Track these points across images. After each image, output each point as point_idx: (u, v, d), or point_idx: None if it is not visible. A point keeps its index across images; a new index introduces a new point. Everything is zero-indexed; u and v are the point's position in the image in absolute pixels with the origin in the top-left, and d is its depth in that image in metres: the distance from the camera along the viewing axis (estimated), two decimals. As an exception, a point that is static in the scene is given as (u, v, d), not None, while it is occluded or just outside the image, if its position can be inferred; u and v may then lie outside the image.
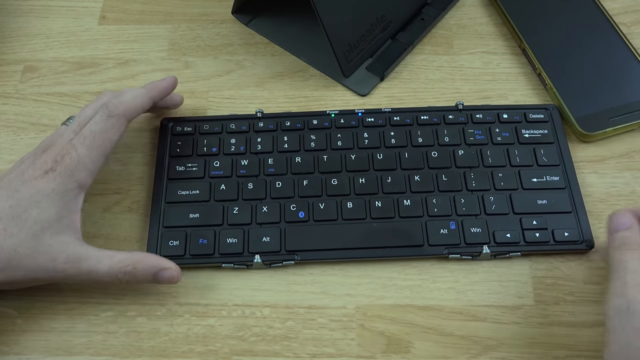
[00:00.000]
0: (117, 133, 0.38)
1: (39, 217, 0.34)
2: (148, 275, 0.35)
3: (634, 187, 0.42)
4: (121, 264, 0.35)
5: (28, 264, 0.33)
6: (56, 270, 0.34)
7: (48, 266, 0.33)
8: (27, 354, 0.38)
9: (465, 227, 0.40)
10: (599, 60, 0.46)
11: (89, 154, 0.36)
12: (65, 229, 0.34)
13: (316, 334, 0.38)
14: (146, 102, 0.40)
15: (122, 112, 0.38)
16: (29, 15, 0.53)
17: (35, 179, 0.34)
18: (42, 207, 0.34)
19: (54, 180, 0.34)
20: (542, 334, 0.37)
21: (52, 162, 0.35)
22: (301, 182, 0.42)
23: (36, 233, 0.33)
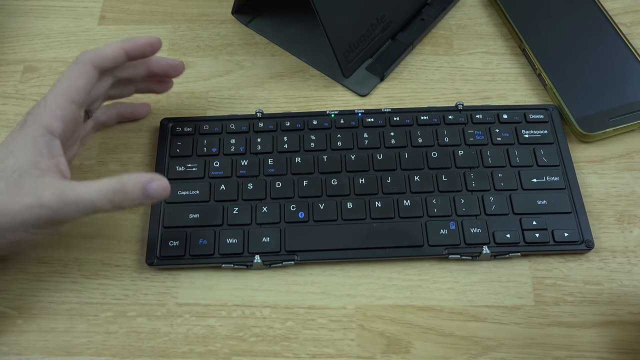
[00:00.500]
0: (82, 78, 0.37)
1: (15, 166, 0.34)
2: (138, 191, 0.34)
3: (634, 188, 0.42)
4: (108, 185, 0.34)
5: (14, 208, 0.33)
6: (42, 206, 0.33)
7: (33, 204, 0.33)
8: (27, 354, 0.38)
9: (465, 227, 0.40)
10: (599, 60, 0.46)
11: (54, 99, 0.36)
12: (46, 173, 0.34)
13: (316, 334, 0.38)
14: (117, 51, 0.38)
15: (89, 58, 0.37)
16: (29, 15, 0.53)
17: (12, 134, 0.35)
18: (16, 156, 0.34)
19: (26, 130, 0.35)
20: (541, 335, 0.37)
21: (26, 115, 0.36)
22: (301, 183, 0.42)
23: (16, 180, 0.33)
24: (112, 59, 0.38)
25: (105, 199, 0.34)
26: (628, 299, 0.38)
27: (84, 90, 0.37)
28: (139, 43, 0.39)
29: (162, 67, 0.42)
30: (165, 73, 0.42)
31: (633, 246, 0.40)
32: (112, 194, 0.34)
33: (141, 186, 0.34)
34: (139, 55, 0.39)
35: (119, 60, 0.38)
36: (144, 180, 0.34)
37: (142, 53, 0.39)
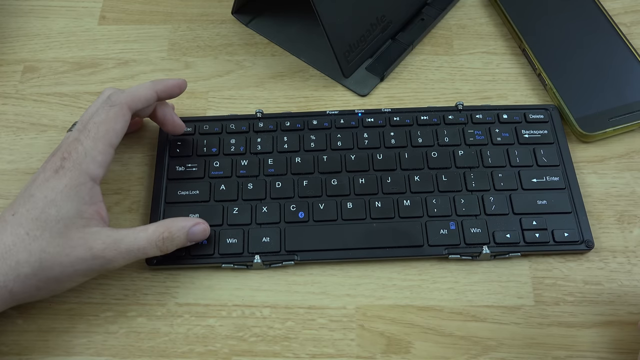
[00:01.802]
0: (120, 122, 0.37)
1: (58, 215, 0.33)
2: (182, 236, 0.36)
3: (634, 188, 0.42)
4: (157, 233, 0.35)
5: (63, 261, 0.33)
6: (95, 257, 0.34)
7: (86, 256, 0.33)
8: (27, 354, 0.38)
9: (465, 227, 0.40)
10: (599, 60, 0.46)
11: (95, 146, 0.35)
12: (90, 221, 0.34)
13: (316, 334, 0.38)
14: (149, 93, 0.39)
15: (124, 100, 0.37)
16: (29, 15, 0.53)
17: (47, 180, 0.34)
18: (58, 205, 0.33)
19: (65, 176, 0.34)
20: (541, 335, 0.37)
21: (60, 159, 0.35)
22: (301, 183, 0.42)
23: (61, 231, 0.33)
24: (145, 101, 0.39)
25: (155, 247, 0.35)
26: (628, 299, 0.38)
27: (121, 133, 0.37)
28: (170, 85, 0.40)
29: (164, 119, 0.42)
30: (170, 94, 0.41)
31: (633, 246, 0.40)
32: (162, 242, 0.36)
33: (185, 231, 0.37)
34: (167, 96, 0.41)
35: (150, 102, 0.39)
36: (188, 225, 0.37)
37: (171, 95, 0.41)
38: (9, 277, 0.32)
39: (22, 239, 0.33)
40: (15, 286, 0.32)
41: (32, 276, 0.33)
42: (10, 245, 0.32)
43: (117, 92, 0.38)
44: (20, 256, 0.32)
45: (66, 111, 0.47)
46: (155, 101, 0.40)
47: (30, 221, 0.33)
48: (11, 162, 0.45)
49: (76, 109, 0.47)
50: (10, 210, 0.34)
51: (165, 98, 0.41)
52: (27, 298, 0.34)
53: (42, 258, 0.33)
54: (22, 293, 0.33)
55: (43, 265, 0.33)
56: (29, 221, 0.33)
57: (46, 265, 0.33)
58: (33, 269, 0.32)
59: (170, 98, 0.41)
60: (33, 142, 0.46)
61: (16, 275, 0.32)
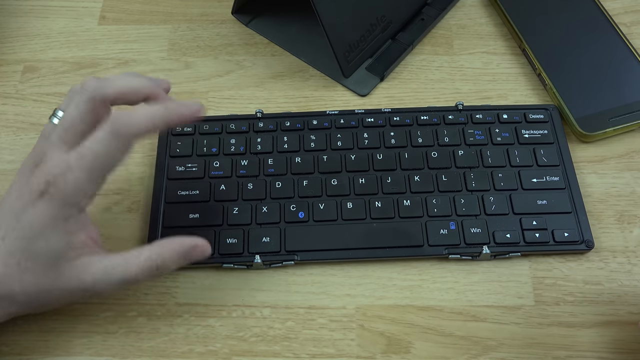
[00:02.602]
0: (123, 155, 0.32)
1: (47, 248, 0.32)
2: (178, 260, 0.34)
3: (634, 188, 0.42)
4: (150, 261, 0.33)
5: (55, 293, 0.33)
6: (86, 290, 0.33)
7: (77, 289, 0.33)
8: (27, 354, 0.38)
9: (465, 227, 0.40)
10: (599, 60, 0.46)
11: (87, 179, 0.31)
12: (81, 250, 0.33)
13: (316, 334, 0.38)
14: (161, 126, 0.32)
15: (132, 133, 0.31)
16: (29, 15, 0.53)
17: (33, 204, 0.32)
18: (47, 239, 0.32)
19: (51, 206, 0.31)
20: (542, 335, 0.37)
21: (45, 183, 0.31)
22: (301, 182, 0.42)
23: (52, 264, 0.32)
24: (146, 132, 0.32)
25: (148, 274, 0.33)
26: (628, 299, 0.38)
27: (119, 165, 0.32)
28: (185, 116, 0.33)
29: None
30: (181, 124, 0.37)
31: (633, 246, 0.40)
32: (156, 270, 0.33)
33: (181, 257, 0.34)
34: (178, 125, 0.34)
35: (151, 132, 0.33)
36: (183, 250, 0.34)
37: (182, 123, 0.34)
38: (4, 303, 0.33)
39: (14, 270, 0.32)
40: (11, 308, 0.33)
41: (25, 304, 0.33)
42: (3, 276, 0.32)
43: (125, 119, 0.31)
44: (14, 287, 0.32)
45: (66, 111, 0.47)
46: None
47: (20, 251, 0.32)
48: (11, 162, 0.45)
49: (76, 109, 0.47)
50: None
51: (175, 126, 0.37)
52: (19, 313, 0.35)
53: (35, 291, 0.32)
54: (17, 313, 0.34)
55: (38, 297, 0.33)
56: (19, 251, 0.32)
57: (40, 297, 0.33)
58: (28, 298, 0.33)
59: None
60: (33, 142, 0.45)
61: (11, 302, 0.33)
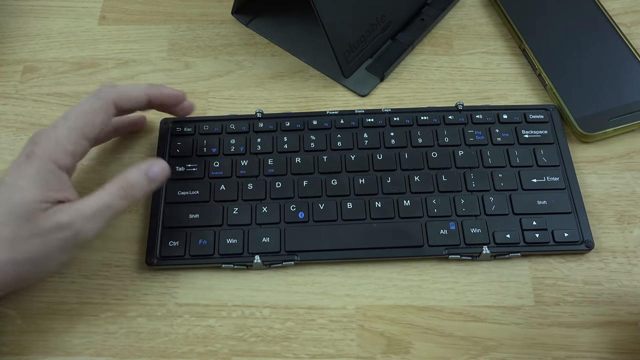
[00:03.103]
0: (100, 116, 0.36)
1: (23, 200, 0.33)
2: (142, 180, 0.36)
3: (634, 188, 0.42)
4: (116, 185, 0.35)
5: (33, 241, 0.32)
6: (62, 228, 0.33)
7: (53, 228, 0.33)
8: (27, 355, 0.38)
9: (465, 227, 0.40)
10: (599, 60, 0.46)
11: (68, 135, 0.35)
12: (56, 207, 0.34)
13: (316, 334, 0.38)
14: (140, 95, 0.38)
15: (111, 96, 0.36)
16: (29, 15, 0.53)
17: (19, 165, 0.34)
18: (24, 190, 0.33)
19: (34, 163, 0.34)
20: (542, 335, 0.37)
21: (32, 144, 0.34)
22: (301, 183, 0.42)
23: (28, 215, 0.33)
24: (135, 102, 0.38)
25: (118, 198, 0.35)
26: (628, 299, 0.38)
27: (99, 127, 0.36)
28: (165, 93, 0.39)
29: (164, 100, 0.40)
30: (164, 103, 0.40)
31: (633, 246, 0.40)
32: (123, 190, 0.35)
33: (143, 174, 0.36)
34: (160, 104, 0.39)
35: (140, 105, 0.38)
36: (144, 167, 0.36)
37: (164, 104, 0.39)
38: None
39: None
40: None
41: (10, 262, 0.32)
42: None
43: (108, 86, 0.37)
44: None
45: (66, 111, 0.47)
46: (146, 105, 0.39)
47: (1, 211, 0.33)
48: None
49: (76, 109, 0.47)
50: None
51: (157, 106, 0.39)
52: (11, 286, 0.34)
53: (13, 241, 0.32)
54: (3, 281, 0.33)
55: (15, 248, 0.32)
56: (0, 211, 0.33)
57: (19, 248, 0.32)
58: (9, 254, 0.32)
59: (163, 108, 0.40)
60: (33, 142, 0.46)
61: None
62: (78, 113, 0.36)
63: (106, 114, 0.36)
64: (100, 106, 0.36)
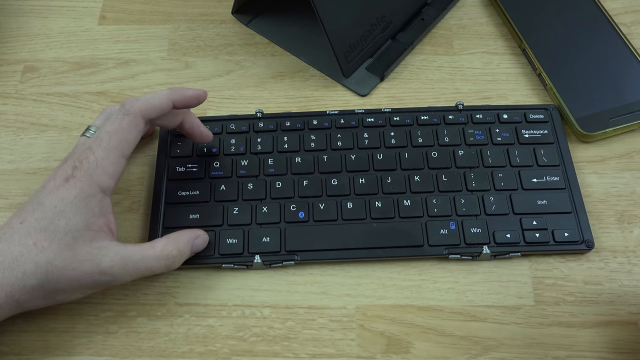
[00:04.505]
0: (133, 132, 0.36)
1: (67, 227, 0.33)
2: (188, 251, 0.37)
3: (634, 188, 0.42)
4: (165, 251, 0.35)
5: (70, 275, 0.33)
6: (102, 274, 0.33)
7: (92, 271, 0.33)
8: (27, 354, 0.38)
9: (465, 227, 0.40)
10: (599, 60, 0.46)
11: (106, 156, 0.34)
12: (98, 234, 0.34)
13: (316, 334, 0.38)
14: (165, 102, 0.37)
15: (138, 109, 0.36)
16: (29, 15, 0.53)
17: (57, 189, 0.33)
18: (67, 217, 0.33)
19: (75, 187, 0.33)
20: (542, 335, 0.37)
21: (72, 168, 0.34)
22: (301, 182, 0.42)
23: (69, 243, 0.33)
24: (160, 110, 0.37)
25: (164, 265, 0.35)
26: (628, 299, 0.38)
27: (134, 143, 0.36)
28: (188, 95, 0.38)
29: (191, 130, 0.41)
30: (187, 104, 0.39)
31: (633, 246, 0.40)
32: (171, 261, 0.36)
33: (191, 245, 0.37)
34: (184, 106, 0.39)
35: (166, 111, 0.38)
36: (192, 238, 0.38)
37: (187, 105, 0.39)
38: (16, 287, 0.32)
39: (30, 249, 0.32)
40: (22, 296, 0.32)
41: (38, 287, 0.32)
42: (18, 256, 0.32)
43: (132, 100, 0.36)
44: (27, 267, 0.32)
45: (66, 111, 0.47)
46: (171, 110, 0.38)
47: (38, 231, 0.32)
48: (11, 162, 0.45)
49: (76, 109, 0.47)
50: (18, 218, 0.33)
51: (182, 107, 0.39)
52: (33, 306, 0.34)
53: (48, 270, 0.32)
54: (29, 302, 0.33)
55: (49, 277, 0.32)
56: (37, 231, 0.32)
57: (52, 278, 0.32)
58: (39, 281, 0.32)
59: (188, 108, 0.39)
60: (33, 142, 0.46)
61: (23, 286, 0.32)
62: (111, 132, 0.35)
63: (137, 129, 0.36)
64: (130, 122, 0.36)
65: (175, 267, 0.36)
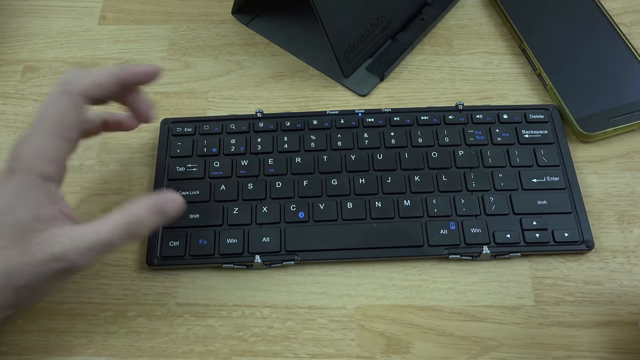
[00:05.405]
0: (72, 113, 0.32)
1: (15, 222, 0.30)
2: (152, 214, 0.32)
3: (634, 188, 0.42)
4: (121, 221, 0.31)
5: (28, 268, 0.31)
6: (57, 260, 0.31)
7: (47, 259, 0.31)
8: (27, 355, 0.38)
9: (465, 227, 0.40)
10: (599, 60, 0.46)
11: (46, 141, 0.31)
12: (51, 223, 0.31)
13: (316, 334, 0.38)
14: (109, 80, 0.33)
15: (77, 88, 0.32)
16: (29, 15, 0.53)
17: (2, 183, 0.31)
18: (12, 212, 0.31)
19: (15, 180, 0.31)
20: (542, 335, 0.37)
21: (12, 159, 0.31)
22: (301, 183, 0.42)
23: (20, 238, 0.31)
24: (104, 89, 0.33)
25: (124, 236, 0.31)
26: (628, 299, 0.38)
27: (76, 125, 0.32)
28: (137, 72, 0.34)
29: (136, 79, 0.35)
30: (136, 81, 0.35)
31: (633, 246, 0.40)
32: (130, 227, 0.31)
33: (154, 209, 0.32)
34: (133, 83, 0.35)
35: (111, 90, 0.34)
36: (158, 203, 0.32)
37: (138, 82, 0.35)
38: None
39: None
40: None
41: (4, 287, 0.31)
42: None
43: (72, 75, 0.33)
44: None
45: (66, 111, 0.47)
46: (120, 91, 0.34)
47: None
48: None
49: (76, 109, 0.47)
50: None
51: (131, 85, 0.35)
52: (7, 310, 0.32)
53: (9, 268, 0.30)
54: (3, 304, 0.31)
55: (12, 274, 0.30)
56: None
57: (15, 275, 0.31)
58: (4, 279, 0.30)
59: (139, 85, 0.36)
60: (33, 142, 0.46)
61: None
62: (48, 116, 0.32)
63: (77, 109, 0.33)
64: (69, 103, 0.32)
65: (139, 236, 0.32)
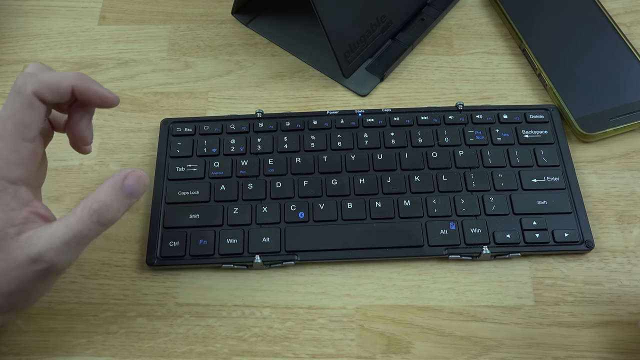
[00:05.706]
0: (28, 114, 0.31)
1: None
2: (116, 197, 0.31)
3: (634, 188, 0.42)
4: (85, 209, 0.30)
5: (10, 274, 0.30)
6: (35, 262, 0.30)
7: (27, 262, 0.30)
8: (27, 355, 0.38)
9: (465, 227, 0.40)
10: (599, 60, 0.46)
11: (5, 146, 0.31)
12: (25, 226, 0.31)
13: (316, 334, 0.38)
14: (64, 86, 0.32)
15: (31, 89, 0.31)
16: (29, 15, 0.53)
17: None
18: None
19: None
20: (542, 335, 0.37)
21: None
22: (301, 183, 0.42)
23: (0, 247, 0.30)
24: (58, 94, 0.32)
25: (94, 224, 0.30)
26: (628, 299, 0.38)
27: (35, 125, 0.31)
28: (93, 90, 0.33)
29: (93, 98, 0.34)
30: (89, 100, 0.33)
31: (633, 246, 0.40)
32: (96, 215, 0.30)
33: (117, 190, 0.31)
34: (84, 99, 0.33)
35: (63, 97, 0.32)
36: (118, 183, 0.31)
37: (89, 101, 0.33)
38: None
39: None
40: None
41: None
42: None
43: (25, 76, 0.32)
44: None
45: (66, 111, 0.47)
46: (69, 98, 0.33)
47: None
48: None
49: (76, 109, 0.47)
50: None
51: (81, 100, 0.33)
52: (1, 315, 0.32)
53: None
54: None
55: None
56: None
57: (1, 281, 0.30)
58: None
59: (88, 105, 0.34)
60: (33, 142, 0.46)
61: None
62: (4, 118, 0.31)
63: (33, 110, 0.31)
64: (22, 104, 0.31)
65: (109, 221, 0.31)
